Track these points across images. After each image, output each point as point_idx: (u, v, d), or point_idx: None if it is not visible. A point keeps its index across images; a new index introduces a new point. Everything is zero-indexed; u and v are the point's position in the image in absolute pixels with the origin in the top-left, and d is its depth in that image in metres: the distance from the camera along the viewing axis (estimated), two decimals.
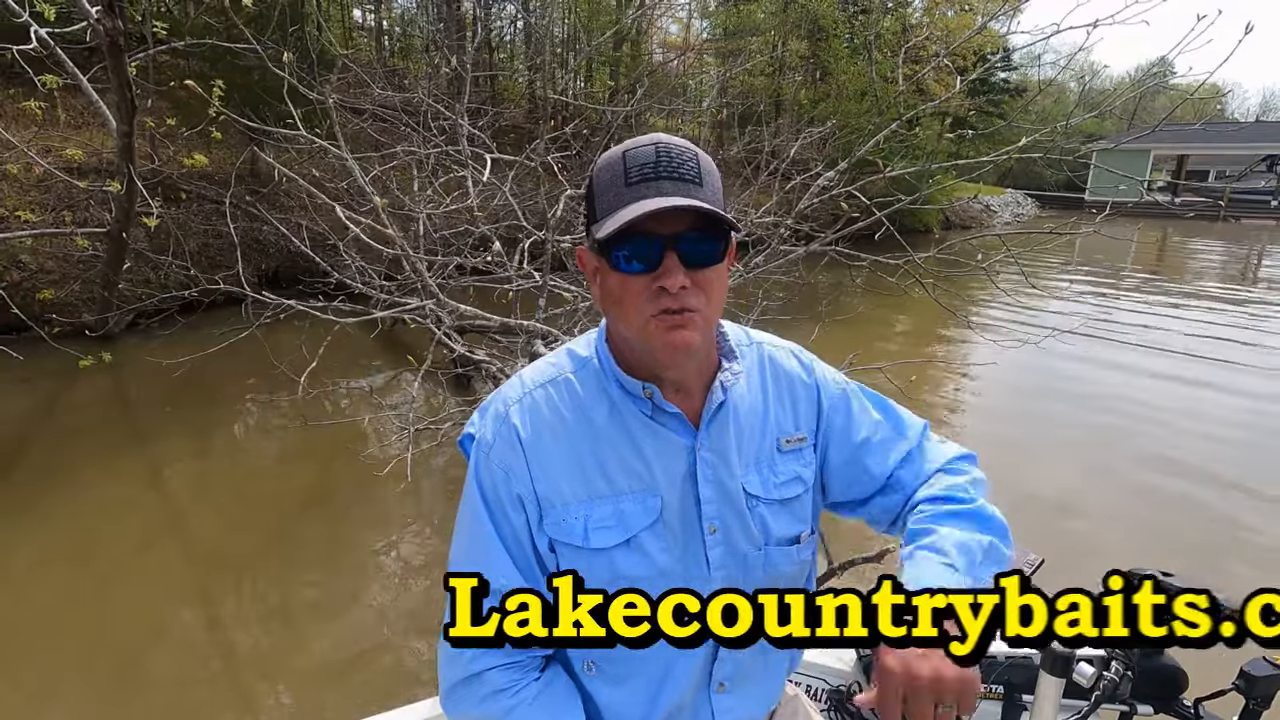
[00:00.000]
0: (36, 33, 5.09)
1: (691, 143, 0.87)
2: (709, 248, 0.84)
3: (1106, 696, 1.23)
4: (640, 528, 0.92)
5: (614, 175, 0.84)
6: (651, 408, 0.93)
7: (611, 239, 0.81)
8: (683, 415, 0.94)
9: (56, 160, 7.69)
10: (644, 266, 0.83)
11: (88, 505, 4.29)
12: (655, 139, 0.84)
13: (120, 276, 7.33)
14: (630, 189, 0.82)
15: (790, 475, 1.01)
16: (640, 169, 0.82)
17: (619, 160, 0.84)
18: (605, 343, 0.97)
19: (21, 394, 5.92)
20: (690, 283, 0.83)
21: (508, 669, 0.93)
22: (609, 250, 0.84)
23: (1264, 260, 18.72)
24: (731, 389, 0.97)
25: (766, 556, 0.99)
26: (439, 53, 8.76)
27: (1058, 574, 1.16)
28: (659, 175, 0.82)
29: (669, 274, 0.82)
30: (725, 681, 1.01)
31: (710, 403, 0.95)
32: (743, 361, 1.01)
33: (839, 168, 4.78)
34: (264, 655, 3.11)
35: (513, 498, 0.92)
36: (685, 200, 0.79)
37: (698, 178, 0.83)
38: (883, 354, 7.41)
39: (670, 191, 0.81)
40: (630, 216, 0.79)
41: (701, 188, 0.83)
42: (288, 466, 5.12)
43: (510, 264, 6.02)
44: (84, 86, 5.28)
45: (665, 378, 0.93)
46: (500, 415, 0.96)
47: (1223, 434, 5.72)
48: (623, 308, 0.87)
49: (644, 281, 0.83)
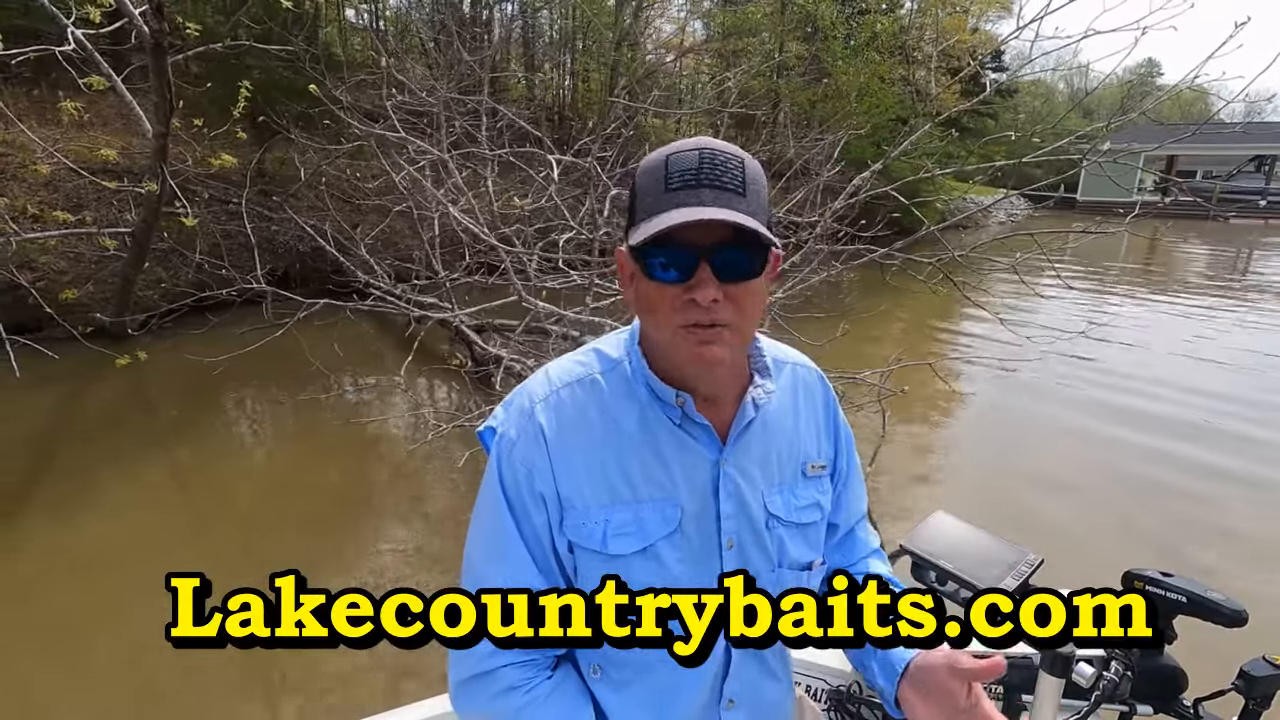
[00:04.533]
0: (73, 34, 5.11)
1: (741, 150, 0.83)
2: (745, 262, 0.81)
3: (1106, 696, 1.23)
4: (658, 536, 0.91)
5: (655, 179, 0.81)
6: (681, 416, 0.91)
7: (647, 245, 0.79)
8: (710, 427, 0.92)
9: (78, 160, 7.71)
10: (677, 276, 0.80)
11: (115, 504, 4.31)
12: (700, 143, 0.81)
13: (140, 276, 7.36)
14: (669, 195, 0.79)
15: (809, 501, 1.00)
16: (682, 174, 0.79)
17: (661, 164, 0.81)
18: (638, 346, 0.95)
19: (44, 394, 5.93)
20: (723, 296, 0.80)
21: (520, 666, 0.92)
22: (644, 256, 0.81)
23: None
24: (764, 406, 0.96)
25: (779, 579, 0.97)
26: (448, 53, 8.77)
27: (1056, 574, 1.17)
28: (700, 183, 0.79)
29: (701, 286, 0.79)
30: (734, 698, 0.99)
31: (741, 418, 0.94)
32: (777, 380, 1.00)
33: (874, 168, 4.89)
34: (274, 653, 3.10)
35: (535, 496, 0.91)
36: (722, 213, 0.76)
37: (741, 187, 0.80)
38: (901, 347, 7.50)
39: (711, 201, 0.78)
40: (664, 225, 0.76)
41: (744, 198, 0.80)
42: (312, 465, 5.15)
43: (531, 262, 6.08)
44: (118, 87, 5.30)
45: (696, 387, 0.91)
46: (526, 411, 0.93)
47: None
48: (655, 316, 0.85)
49: (676, 291, 0.81)
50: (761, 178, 0.83)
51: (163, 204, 6.26)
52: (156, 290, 8.19)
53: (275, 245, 9.96)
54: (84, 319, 6.62)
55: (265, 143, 9.41)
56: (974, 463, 5.45)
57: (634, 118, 10.25)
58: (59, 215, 6.28)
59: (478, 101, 6.42)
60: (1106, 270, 15.48)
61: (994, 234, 5.71)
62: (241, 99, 6.16)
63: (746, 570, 0.95)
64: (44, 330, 6.18)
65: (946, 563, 1.18)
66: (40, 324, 6.54)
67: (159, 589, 2.92)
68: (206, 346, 6.17)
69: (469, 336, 6.40)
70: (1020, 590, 1.09)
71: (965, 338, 9.12)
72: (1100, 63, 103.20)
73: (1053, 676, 1.12)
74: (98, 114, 9.22)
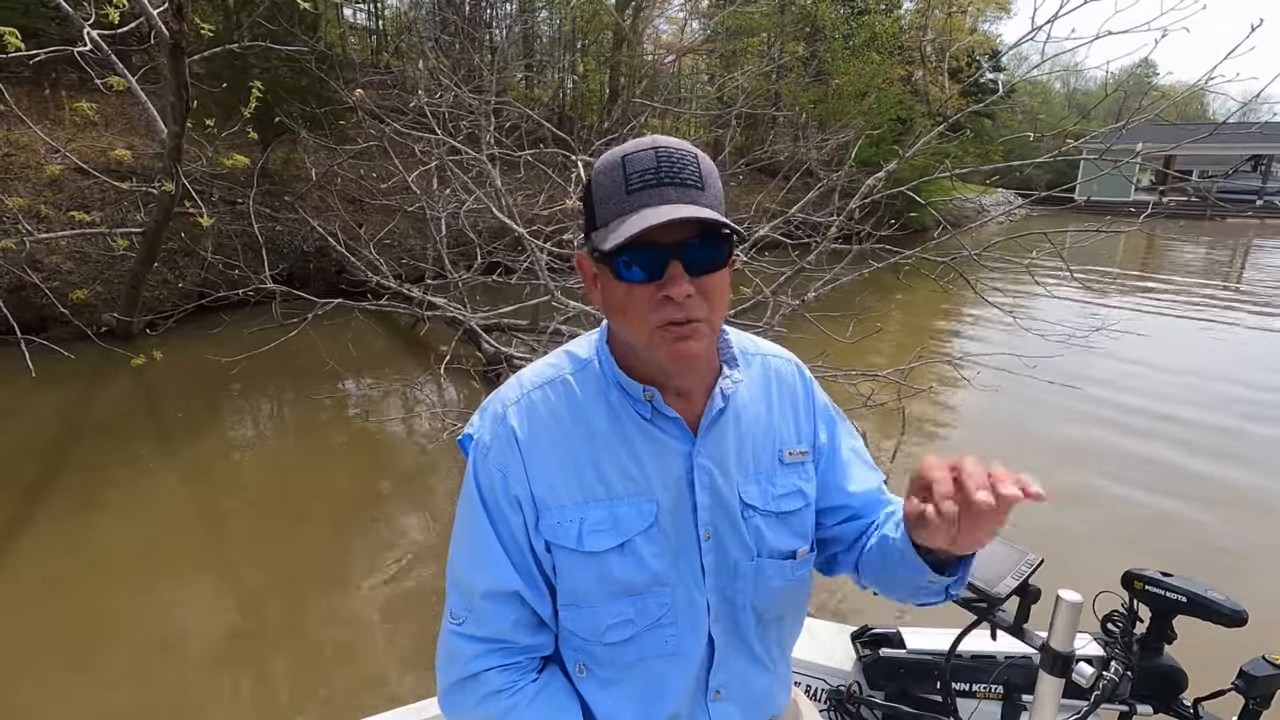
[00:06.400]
0: (89, 34, 5.12)
1: (688, 143, 0.85)
2: (713, 254, 0.82)
3: (1106, 696, 1.24)
4: (635, 532, 0.91)
5: (614, 181, 0.82)
6: (651, 411, 0.92)
7: (624, 245, 0.79)
8: (681, 420, 0.93)
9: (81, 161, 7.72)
10: (648, 275, 0.81)
11: (130, 503, 4.33)
12: (654, 142, 0.82)
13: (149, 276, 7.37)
14: (632, 196, 0.80)
15: (790, 489, 1.00)
16: (641, 175, 0.80)
17: (619, 165, 0.82)
18: (606, 345, 0.96)
19: (55, 393, 5.94)
20: (695, 291, 0.81)
21: (506, 670, 0.94)
22: (610, 258, 0.82)
23: None
24: (733, 396, 0.97)
25: (759, 568, 0.98)
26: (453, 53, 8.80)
27: (1057, 574, 1.17)
28: (661, 181, 0.80)
29: (674, 283, 0.80)
30: (721, 689, 1.00)
31: (710, 409, 0.94)
32: (746, 370, 1.01)
33: (889, 168, 4.93)
34: (282, 651, 3.15)
35: (510, 499, 0.92)
36: (692, 210, 0.78)
37: (699, 182, 0.81)
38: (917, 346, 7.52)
39: (674, 198, 0.79)
40: (638, 228, 0.76)
41: (704, 192, 0.81)
42: (325, 463, 5.17)
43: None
44: (134, 88, 5.31)
45: (668, 384, 0.92)
46: (498, 416, 0.95)
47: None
48: (627, 316, 0.85)
49: (649, 291, 0.82)
50: (714, 171, 0.84)
51: (174, 204, 6.26)
52: (162, 290, 8.21)
53: (279, 245, 9.99)
54: (92, 319, 6.63)
55: (269, 143, 9.42)
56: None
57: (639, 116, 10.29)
58: (76, 215, 6.28)
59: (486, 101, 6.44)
60: (1107, 270, 15.55)
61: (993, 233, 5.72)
62: (253, 99, 6.17)
63: (726, 560, 0.97)
64: (48, 330, 6.20)
65: None
66: (45, 324, 6.56)
67: (177, 587, 2.96)
68: (215, 346, 6.18)
69: (480, 336, 6.42)
70: (1020, 590, 1.10)
71: (966, 337, 9.17)
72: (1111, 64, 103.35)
73: (1053, 676, 1.12)
74: (100, 114, 9.24)
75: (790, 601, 1.04)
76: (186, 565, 3.71)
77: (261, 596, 3.51)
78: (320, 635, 3.22)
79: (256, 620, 3.31)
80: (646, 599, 0.93)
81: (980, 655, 1.53)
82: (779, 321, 5.26)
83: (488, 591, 0.93)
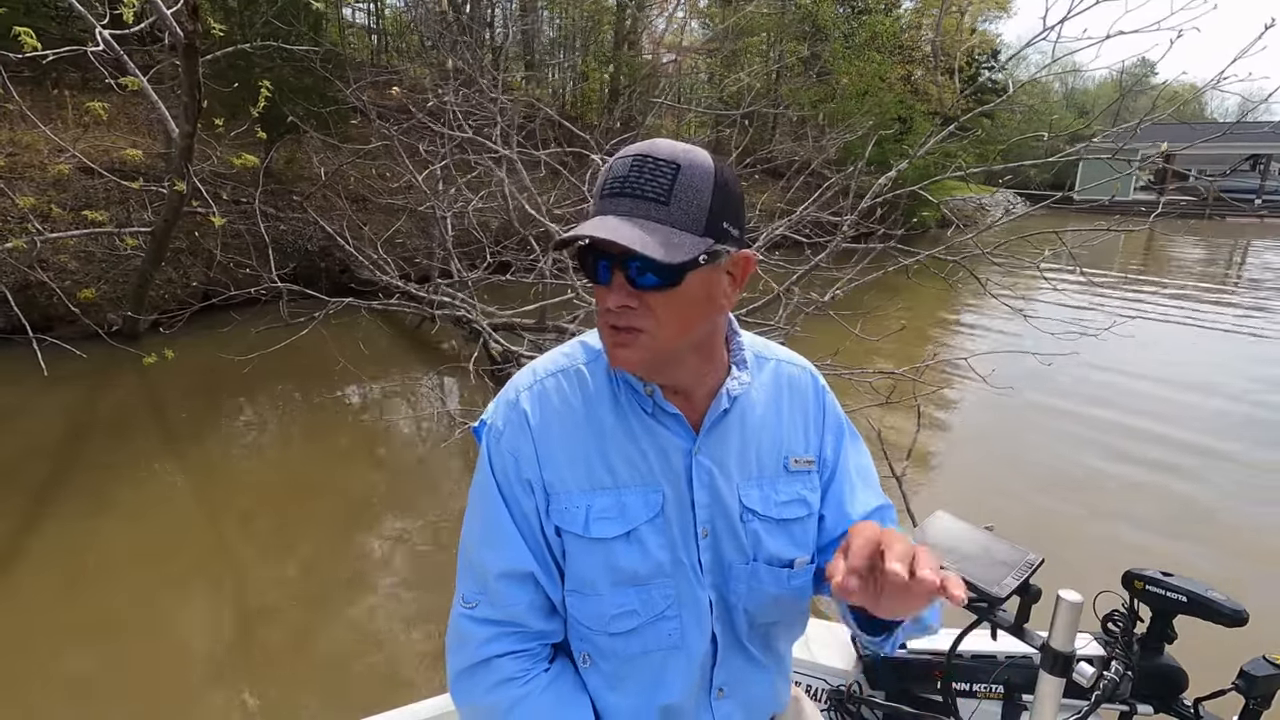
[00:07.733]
0: (102, 34, 5.11)
1: (695, 150, 0.83)
2: (655, 274, 0.80)
3: (1106, 696, 1.23)
4: (641, 521, 0.92)
5: (600, 183, 0.83)
6: (653, 405, 0.93)
7: (583, 247, 0.82)
8: (682, 416, 0.94)
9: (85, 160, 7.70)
10: (600, 280, 0.84)
11: (140, 502, 4.33)
12: (642, 149, 0.81)
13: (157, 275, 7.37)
14: (600, 202, 0.82)
15: (793, 496, 1.00)
16: (612, 183, 0.81)
17: (608, 168, 0.83)
18: None
19: (63, 392, 5.94)
20: (638, 303, 0.82)
21: (519, 657, 0.94)
22: (583, 256, 0.85)
23: None
24: (739, 399, 0.97)
25: (753, 573, 0.97)
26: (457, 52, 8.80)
27: (1057, 575, 1.18)
28: (623, 192, 0.80)
29: (612, 292, 0.83)
30: (724, 687, 1.00)
31: (714, 409, 0.95)
32: (757, 374, 1.01)
33: (899, 167, 4.95)
34: (283, 648, 3.16)
35: (523, 482, 0.93)
36: (613, 231, 0.76)
37: (665, 196, 0.79)
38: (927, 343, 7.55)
39: (626, 211, 0.79)
40: (576, 233, 0.79)
41: (667, 207, 0.79)
42: (335, 462, 5.18)
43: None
44: (145, 88, 5.31)
45: (664, 380, 0.93)
46: (511, 402, 0.96)
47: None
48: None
49: (602, 292, 0.85)
50: (699, 183, 0.80)
51: (183, 204, 6.26)
52: (168, 289, 8.21)
53: (283, 245, 9.99)
54: (98, 318, 6.62)
55: (274, 143, 9.42)
56: (976, 462, 5.45)
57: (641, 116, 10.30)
58: (89, 215, 6.28)
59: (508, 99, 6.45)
60: (1106, 270, 15.58)
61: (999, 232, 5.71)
62: (261, 99, 6.17)
63: (721, 560, 0.97)
64: (54, 330, 6.19)
65: (947, 562, 1.16)
66: (50, 323, 6.55)
67: (185, 587, 2.97)
68: (222, 346, 6.18)
69: (489, 335, 6.43)
70: (1020, 590, 1.10)
71: (967, 336, 9.19)
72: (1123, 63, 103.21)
73: (1053, 676, 1.12)
74: (104, 113, 9.22)
75: (785, 610, 1.03)
76: (195, 565, 3.71)
77: (270, 596, 3.51)
78: (331, 635, 3.22)
79: (266, 620, 3.32)
80: (651, 590, 0.94)
81: (981, 655, 1.55)
82: (791, 319, 5.26)
83: (502, 573, 0.93)
